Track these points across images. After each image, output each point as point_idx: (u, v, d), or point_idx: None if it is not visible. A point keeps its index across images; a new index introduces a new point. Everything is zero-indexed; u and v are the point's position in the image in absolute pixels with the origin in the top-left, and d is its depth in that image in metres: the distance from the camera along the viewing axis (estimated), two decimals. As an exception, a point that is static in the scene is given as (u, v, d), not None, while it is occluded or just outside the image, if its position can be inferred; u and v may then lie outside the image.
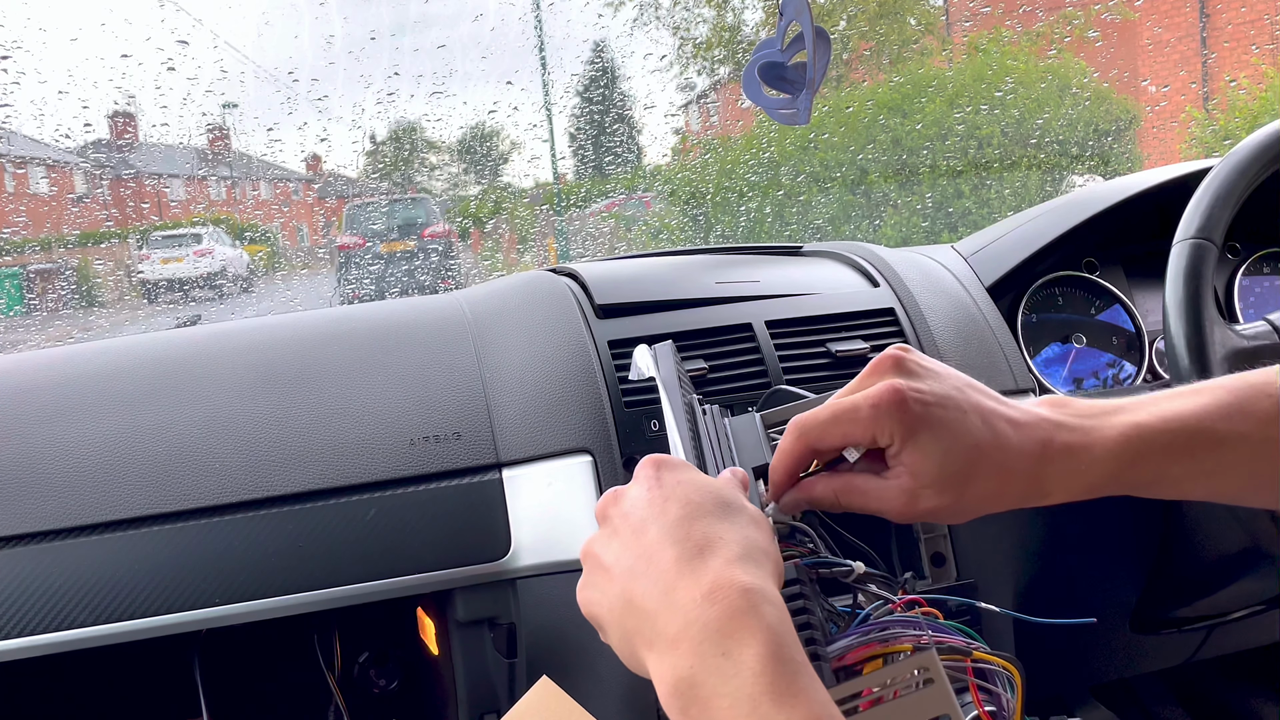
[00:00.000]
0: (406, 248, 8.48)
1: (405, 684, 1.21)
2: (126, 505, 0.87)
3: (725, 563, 0.48)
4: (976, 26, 8.67)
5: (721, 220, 6.57)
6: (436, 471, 0.91)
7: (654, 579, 0.49)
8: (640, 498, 0.54)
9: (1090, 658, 1.21)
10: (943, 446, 0.57)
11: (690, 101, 10.74)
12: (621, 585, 0.51)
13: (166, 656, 1.06)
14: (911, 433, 0.57)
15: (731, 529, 0.51)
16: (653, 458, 0.56)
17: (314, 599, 0.87)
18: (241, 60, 9.81)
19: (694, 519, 0.51)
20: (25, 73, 7.30)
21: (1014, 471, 0.58)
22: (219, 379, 0.98)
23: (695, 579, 0.48)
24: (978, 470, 0.57)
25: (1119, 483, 0.59)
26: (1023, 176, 5.99)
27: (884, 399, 0.57)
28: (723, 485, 0.55)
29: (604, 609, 0.53)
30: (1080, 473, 0.58)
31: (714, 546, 0.49)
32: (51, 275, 8.04)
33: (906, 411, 0.57)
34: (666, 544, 0.50)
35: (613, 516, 0.55)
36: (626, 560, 0.51)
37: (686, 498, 0.53)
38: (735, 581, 0.47)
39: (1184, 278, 0.92)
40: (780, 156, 6.46)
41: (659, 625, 0.48)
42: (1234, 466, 0.58)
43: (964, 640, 0.55)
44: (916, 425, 0.57)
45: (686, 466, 0.56)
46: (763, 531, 0.53)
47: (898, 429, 0.57)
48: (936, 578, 0.98)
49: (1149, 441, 0.58)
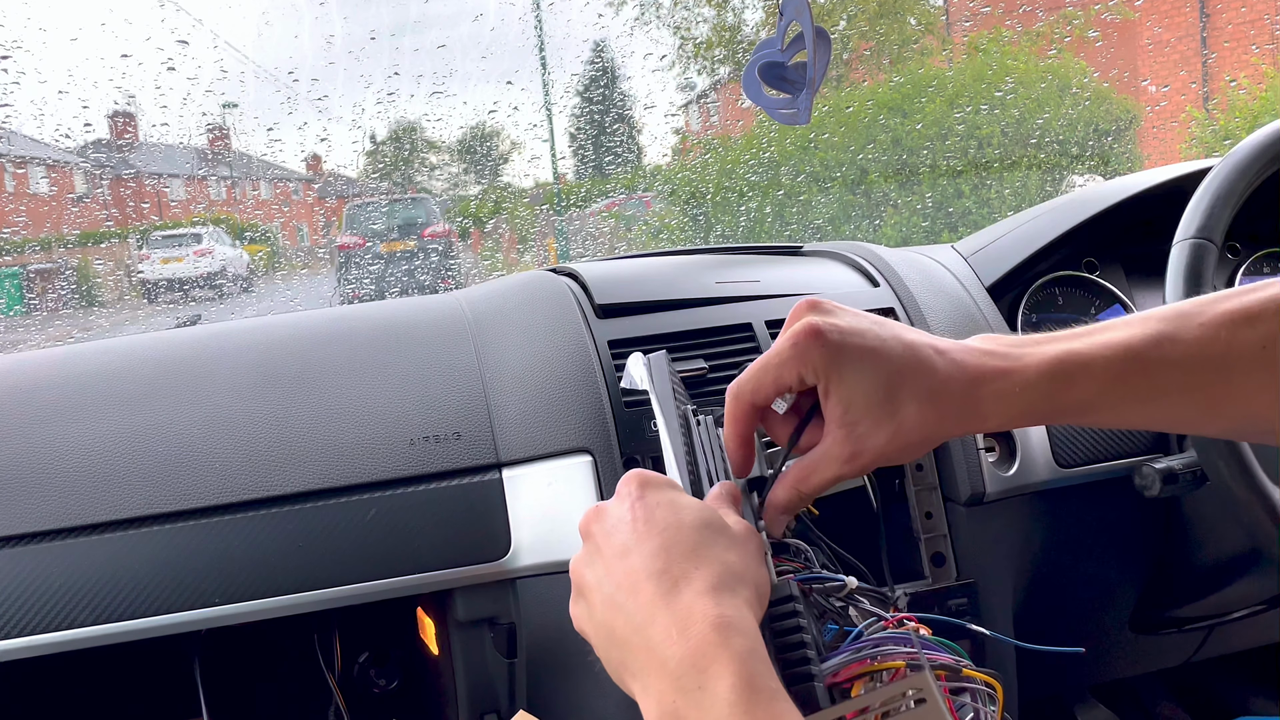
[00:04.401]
0: (406, 248, 8.48)
1: (405, 684, 1.21)
2: (127, 505, 0.87)
3: (698, 595, 0.49)
4: (976, 26, 8.67)
5: (721, 220, 6.58)
6: (436, 471, 0.91)
7: (632, 613, 0.51)
8: (622, 519, 0.54)
9: (1090, 658, 1.21)
10: (867, 373, 0.58)
11: (690, 101, 10.74)
12: (604, 614, 0.53)
13: (167, 656, 1.06)
14: (834, 363, 0.58)
15: (709, 557, 0.52)
16: (636, 474, 0.57)
17: (314, 599, 0.87)
18: (241, 60, 9.81)
19: (672, 548, 0.52)
20: (25, 73, 7.31)
21: (946, 395, 0.58)
22: (219, 379, 0.98)
23: (670, 614, 0.49)
24: (906, 394, 0.58)
25: (1053, 406, 0.59)
26: (1023, 176, 5.99)
27: (801, 335, 0.58)
28: (704, 508, 0.55)
29: (591, 630, 0.55)
30: (1014, 395, 0.58)
31: (689, 578, 0.50)
32: (51, 275, 8.05)
33: (826, 343, 0.58)
34: (644, 576, 0.51)
35: (595, 535, 0.56)
36: (608, 588, 0.53)
37: (666, 522, 0.53)
38: (707, 615, 0.48)
39: (1184, 278, 0.92)
40: (780, 156, 6.46)
41: (640, 659, 0.50)
42: (1166, 393, 0.59)
43: (953, 658, 0.55)
44: (838, 355, 0.58)
45: (669, 485, 0.57)
46: (743, 553, 0.53)
47: (819, 362, 0.58)
48: (936, 578, 0.98)
49: (1081, 365, 0.58)
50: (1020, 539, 1.04)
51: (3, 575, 0.84)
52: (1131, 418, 0.61)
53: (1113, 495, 1.07)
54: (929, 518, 1.00)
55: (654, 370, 0.71)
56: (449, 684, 0.99)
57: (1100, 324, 0.61)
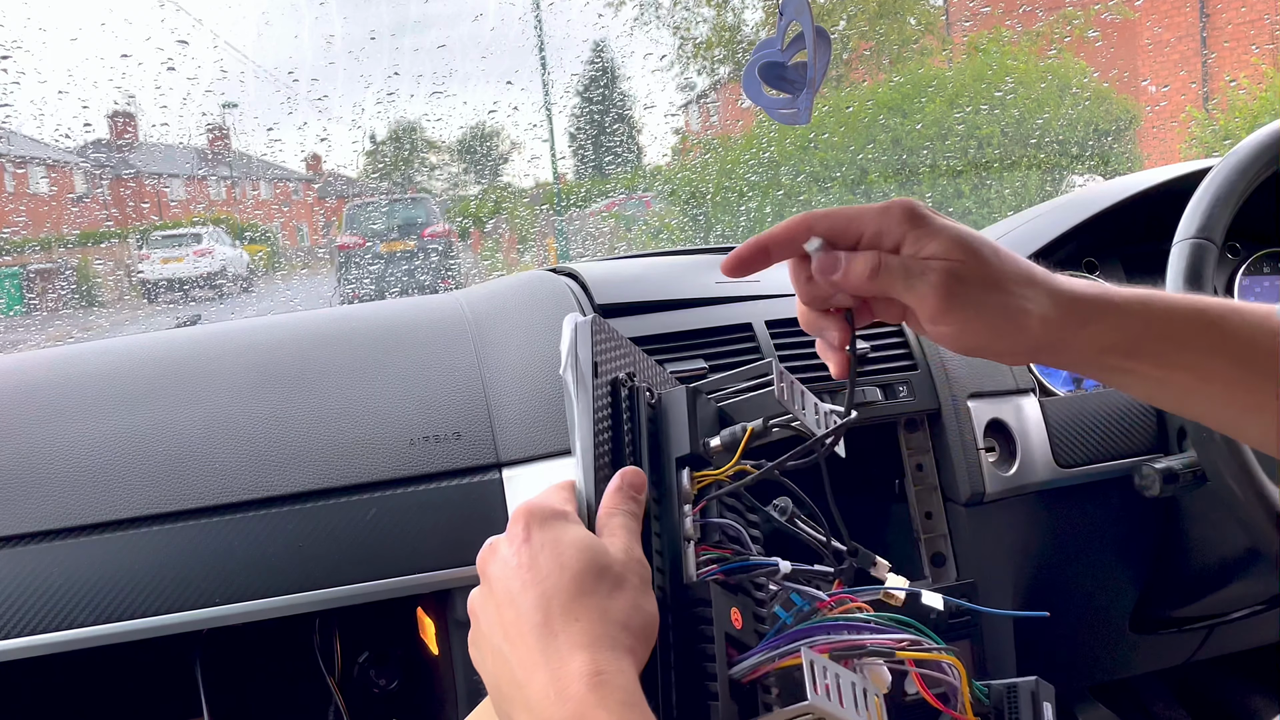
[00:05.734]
0: (406, 248, 8.47)
1: (405, 684, 1.21)
2: (126, 505, 0.87)
3: (575, 649, 0.49)
4: (976, 26, 8.67)
5: (721, 220, 6.58)
6: (436, 471, 0.91)
7: (514, 668, 0.50)
8: (509, 561, 0.53)
9: (1090, 658, 1.21)
10: (946, 239, 0.59)
11: (690, 101, 10.74)
12: (492, 664, 0.53)
13: (167, 656, 1.06)
14: (916, 227, 0.59)
15: (589, 605, 0.51)
16: (524, 509, 0.55)
17: (314, 599, 0.87)
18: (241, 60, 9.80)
19: (552, 599, 0.51)
20: (25, 73, 7.30)
21: (1011, 278, 0.60)
22: (219, 379, 0.98)
23: (549, 671, 0.49)
24: (979, 260, 0.59)
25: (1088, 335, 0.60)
26: (1023, 176, 5.99)
27: (894, 205, 0.60)
28: (585, 548, 0.53)
29: (484, 675, 0.54)
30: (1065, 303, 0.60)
31: (569, 631, 0.50)
32: (51, 275, 8.04)
33: (915, 214, 0.60)
34: (526, 628, 0.51)
35: (490, 575, 0.55)
36: (496, 638, 0.52)
37: (547, 569, 0.52)
38: (583, 673, 0.48)
39: (1184, 277, 0.92)
40: (780, 156, 6.46)
41: (521, 718, 0.50)
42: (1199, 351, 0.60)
43: (893, 640, 0.54)
44: (920, 222, 0.59)
45: (557, 519, 0.55)
46: (626, 595, 0.52)
47: (902, 227, 0.59)
48: (936, 577, 0.98)
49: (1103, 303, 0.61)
50: (1020, 539, 1.04)
51: (3, 575, 0.84)
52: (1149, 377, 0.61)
53: (1113, 495, 1.07)
54: (929, 518, 1.00)
55: (578, 338, 0.61)
56: (449, 684, 0.99)
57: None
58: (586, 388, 0.59)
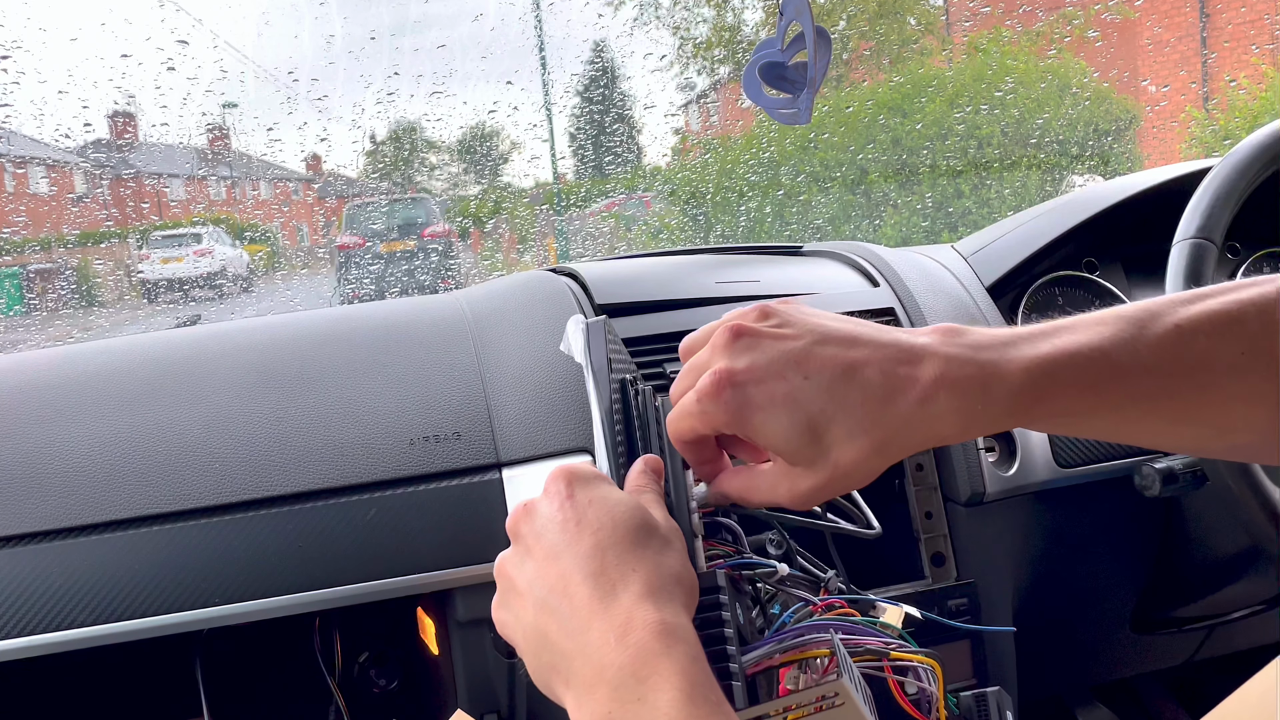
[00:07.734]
0: (406, 248, 8.47)
1: (405, 684, 1.21)
2: (126, 505, 0.87)
3: (637, 599, 0.48)
4: (976, 26, 8.67)
5: (721, 220, 6.58)
6: (437, 471, 0.91)
7: (567, 617, 0.49)
8: (553, 518, 0.52)
9: (1090, 658, 1.21)
10: (782, 422, 0.52)
11: (690, 101, 10.74)
12: (535, 617, 0.51)
13: (167, 656, 1.06)
14: (742, 419, 0.53)
15: (644, 558, 0.50)
16: (564, 470, 0.54)
17: (314, 599, 0.87)
18: (241, 60, 9.80)
19: (606, 550, 0.50)
20: (25, 73, 7.30)
21: (887, 421, 0.52)
22: (219, 379, 0.98)
23: (609, 619, 0.47)
24: (833, 434, 0.52)
25: (1023, 418, 0.54)
26: (1023, 176, 5.99)
27: (704, 391, 0.54)
28: (635, 505, 0.53)
29: (519, 636, 0.53)
30: (977, 412, 0.52)
31: (627, 580, 0.49)
32: (51, 275, 8.05)
33: (726, 401, 0.53)
34: (579, 578, 0.49)
35: (525, 535, 0.53)
36: (540, 590, 0.51)
37: (599, 522, 0.51)
38: (648, 621, 0.46)
39: (1184, 278, 0.92)
40: (780, 156, 6.46)
41: (574, 666, 0.48)
42: (1137, 400, 0.53)
43: (880, 641, 0.55)
44: (742, 410, 0.53)
45: (599, 479, 0.54)
46: (675, 553, 0.52)
47: (727, 419, 0.54)
48: (936, 578, 0.98)
49: (1053, 376, 0.52)
50: (1020, 539, 1.04)
51: (3, 575, 0.84)
52: (1100, 429, 0.56)
53: (1113, 495, 1.07)
54: (929, 518, 1.00)
55: (591, 338, 0.64)
56: (449, 684, 0.99)
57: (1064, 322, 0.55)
58: (604, 385, 0.62)
